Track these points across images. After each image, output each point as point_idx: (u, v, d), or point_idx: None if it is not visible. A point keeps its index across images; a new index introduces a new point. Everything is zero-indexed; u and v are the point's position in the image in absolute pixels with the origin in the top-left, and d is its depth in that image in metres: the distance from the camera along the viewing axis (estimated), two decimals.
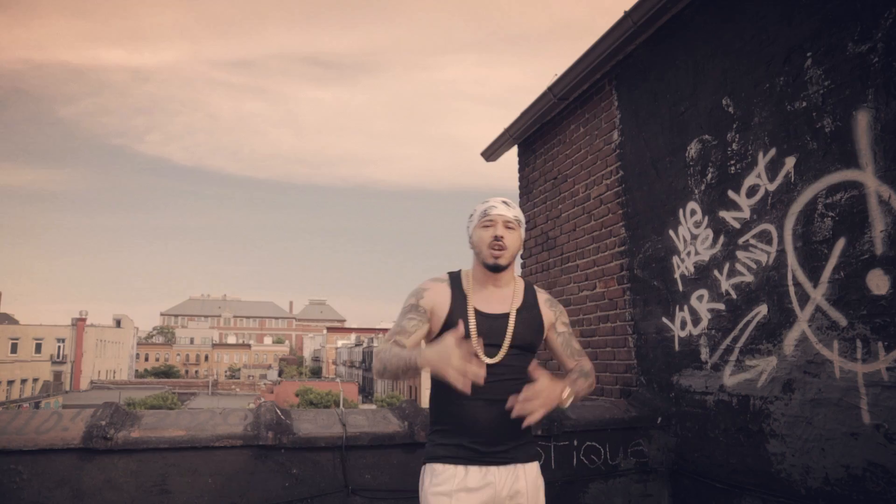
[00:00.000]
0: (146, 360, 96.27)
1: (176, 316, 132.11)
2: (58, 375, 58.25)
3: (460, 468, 2.09)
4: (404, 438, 3.35)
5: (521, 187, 6.16)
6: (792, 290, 2.92)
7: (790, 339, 2.92)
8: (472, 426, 2.12)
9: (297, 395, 46.61)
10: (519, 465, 2.14)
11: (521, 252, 2.37)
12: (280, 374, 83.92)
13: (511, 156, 6.54)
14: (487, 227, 2.21)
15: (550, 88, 4.96)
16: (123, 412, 3.22)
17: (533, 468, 2.17)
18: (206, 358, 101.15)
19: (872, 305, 2.54)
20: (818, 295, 2.78)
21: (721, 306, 3.37)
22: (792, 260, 2.92)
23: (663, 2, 3.55)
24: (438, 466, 2.12)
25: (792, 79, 2.93)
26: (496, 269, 2.19)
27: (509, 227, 2.20)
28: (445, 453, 2.13)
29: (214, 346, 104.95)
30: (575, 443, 3.62)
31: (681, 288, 3.70)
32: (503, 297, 2.24)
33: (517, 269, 2.40)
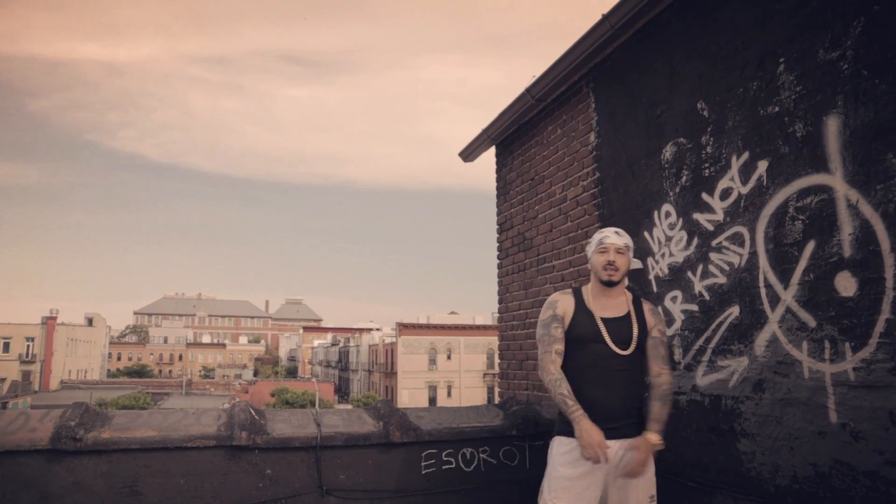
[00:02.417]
0: (119, 359, 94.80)
1: (150, 315, 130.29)
2: (27, 375, 57.11)
3: (570, 439, 2.72)
4: (379, 438, 3.35)
5: (498, 188, 6.18)
6: (763, 291, 2.97)
7: (761, 339, 2.97)
8: (588, 404, 2.72)
9: (272, 395, 46.28)
10: (629, 441, 2.71)
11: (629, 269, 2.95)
12: (255, 374, 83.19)
13: (489, 156, 6.55)
14: (602, 253, 2.87)
15: (528, 90, 4.97)
16: (94, 412, 3.17)
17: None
18: (181, 357, 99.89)
19: (840, 307, 2.59)
20: (788, 296, 2.82)
21: (694, 307, 3.41)
22: (763, 262, 2.97)
23: (641, 5, 3.59)
24: (564, 439, 2.77)
25: (765, 84, 2.98)
26: (611, 284, 2.85)
27: (620, 253, 2.86)
28: (569, 429, 2.73)
29: (189, 345, 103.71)
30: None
31: (655, 289, 3.74)
32: (617, 306, 2.87)
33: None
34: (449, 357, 53.00)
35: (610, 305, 2.87)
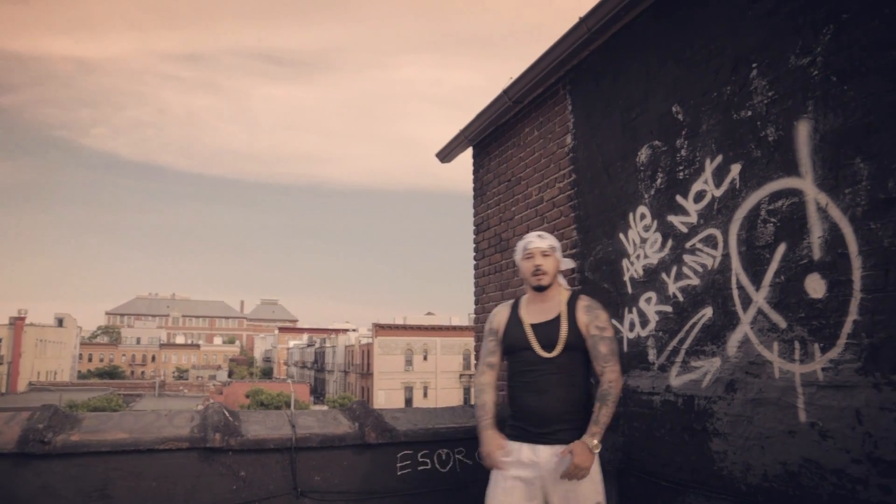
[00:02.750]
0: (90, 360, 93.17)
1: (122, 315, 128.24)
2: None
3: (517, 444, 2.74)
4: (355, 439, 3.34)
5: (475, 189, 6.19)
6: (735, 293, 3.01)
7: (733, 340, 3.01)
8: (522, 410, 2.78)
9: (247, 397, 45.83)
10: (564, 446, 2.64)
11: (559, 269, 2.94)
12: (230, 375, 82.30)
13: (466, 157, 6.56)
14: (528, 258, 2.88)
15: (506, 91, 4.99)
16: (63, 415, 3.11)
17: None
18: (154, 358, 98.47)
19: (810, 308, 2.64)
20: (760, 298, 2.87)
21: (668, 308, 3.45)
22: (736, 264, 3.01)
23: (617, 9, 3.62)
24: (507, 442, 2.79)
25: (738, 88, 3.03)
26: (540, 289, 2.85)
27: (545, 255, 2.85)
28: (508, 431, 2.81)
29: (162, 346, 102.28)
30: None
31: (630, 290, 3.77)
32: (548, 309, 2.85)
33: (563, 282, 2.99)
34: (425, 358, 52.96)
35: (541, 310, 2.86)
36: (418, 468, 3.45)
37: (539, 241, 2.87)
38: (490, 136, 5.78)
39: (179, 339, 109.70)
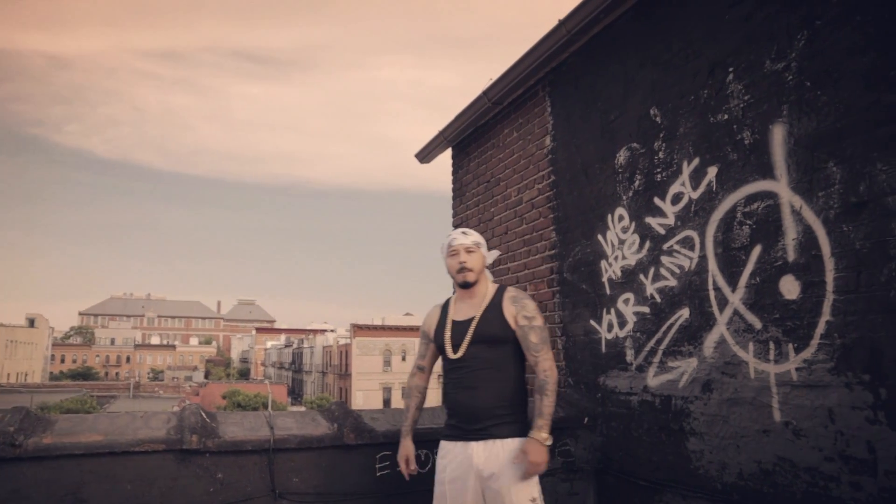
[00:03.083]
0: (62, 361, 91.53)
1: (96, 315, 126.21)
2: None
3: (451, 443, 2.73)
4: (333, 440, 3.31)
5: (454, 190, 6.20)
6: (712, 294, 3.05)
7: (710, 341, 3.05)
8: (455, 408, 2.76)
9: (224, 398, 45.38)
10: (497, 441, 2.63)
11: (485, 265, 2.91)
12: (206, 376, 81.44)
13: (445, 158, 6.56)
14: (453, 256, 2.84)
15: (485, 92, 5.00)
16: (35, 417, 3.05)
17: (510, 443, 2.63)
18: (128, 359, 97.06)
19: (784, 309, 2.68)
20: (736, 299, 2.91)
21: (646, 309, 3.48)
22: (712, 265, 3.05)
23: (597, 12, 3.65)
24: (442, 443, 2.80)
25: (715, 92, 3.07)
26: (466, 285, 2.81)
27: (470, 251, 2.82)
28: (446, 432, 2.80)
29: (137, 346, 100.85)
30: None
31: (608, 291, 3.80)
32: (474, 305, 2.82)
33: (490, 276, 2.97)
34: (404, 359, 52.87)
35: (467, 307, 2.84)
36: (397, 469, 3.43)
37: (463, 238, 2.84)
38: (469, 137, 5.79)
39: (155, 340, 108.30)
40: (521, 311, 2.75)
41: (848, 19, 2.48)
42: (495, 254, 3.03)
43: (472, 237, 2.85)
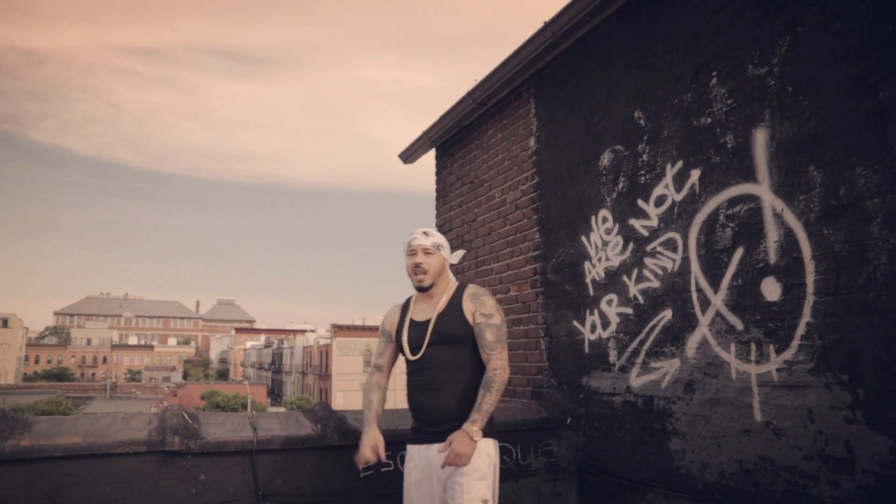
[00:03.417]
0: (37, 362, 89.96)
1: (72, 315, 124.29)
2: None
3: (415, 446, 2.68)
4: (317, 441, 3.30)
5: (437, 190, 6.20)
6: (695, 295, 3.08)
7: (692, 342, 3.08)
8: (417, 410, 2.71)
9: (203, 398, 44.93)
10: None
11: (446, 267, 2.83)
12: (185, 377, 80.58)
13: (429, 158, 6.56)
14: (411, 255, 2.75)
15: (470, 93, 5.01)
16: (12, 419, 3.00)
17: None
18: (105, 360, 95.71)
19: (766, 311, 2.72)
20: (718, 301, 2.95)
21: (629, 310, 3.51)
22: (695, 267, 3.09)
23: (582, 15, 3.67)
24: (408, 446, 2.73)
25: (699, 95, 3.10)
26: (421, 289, 2.74)
27: (428, 253, 2.73)
28: (411, 435, 2.74)
29: (114, 347, 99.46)
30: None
31: (591, 292, 3.83)
32: (433, 305, 2.74)
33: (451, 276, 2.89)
34: None
35: (426, 307, 2.76)
36: (381, 469, 3.42)
37: (423, 239, 2.74)
38: (453, 137, 5.80)
39: (132, 340, 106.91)
40: (480, 308, 2.67)
41: (829, 27, 2.52)
42: (460, 254, 2.95)
43: (432, 238, 2.75)
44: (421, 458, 2.62)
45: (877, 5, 2.37)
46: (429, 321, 2.68)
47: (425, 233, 2.77)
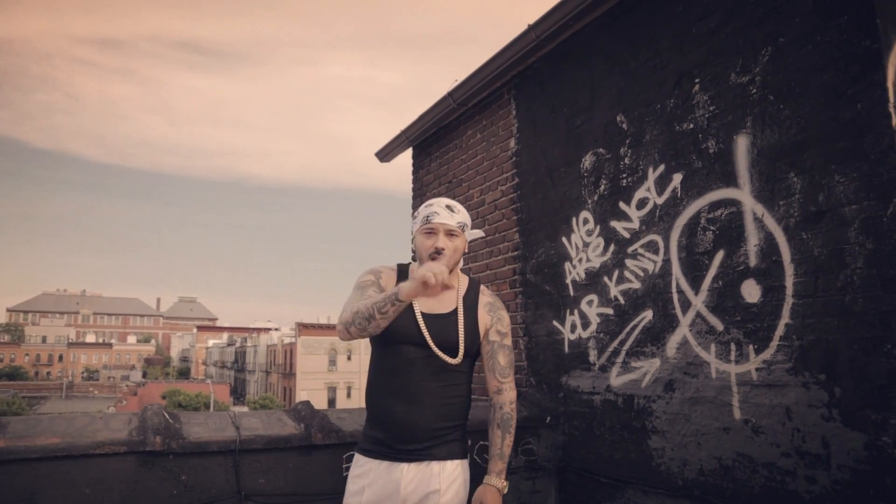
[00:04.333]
0: None
1: (26, 312, 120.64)
2: None
3: (374, 461, 2.20)
4: (301, 441, 3.29)
5: (414, 189, 6.20)
6: (675, 297, 3.16)
7: (672, 342, 3.15)
8: (385, 420, 2.21)
9: (163, 398, 44.09)
10: (434, 463, 2.17)
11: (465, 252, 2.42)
12: (144, 375, 78.95)
13: (405, 158, 6.57)
14: (429, 234, 2.22)
15: (451, 93, 5.03)
16: None
17: (449, 466, 2.19)
18: (61, 358, 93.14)
19: (745, 312, 2.80)
20: (699, 302, 3.02)
21: (610, 311, 3.57)
22: (676, 269, 3.16)
23: (566, 18, 3.72)
24: (359, 458, 2.27)
25: (681, 101, 3.17)
26: None
27: (452, 235, 2.22)
28: (366, 445, 2.26)
29: (71, 345, 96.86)
30: (468, 443, 3.71)
31: (572, 293, 3.88)
32: (447, 296, 2.26)
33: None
34: (349, 358, 52.52)
35: (436, 297, 2.16)
36: None
37: (446, 215, 2.21)
38: (431, 137, 5.81)
39: (90, 338, 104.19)
40: (497, 325, 2.30)
41: (809, 39, 2.60)
42: (478, 233, 2.45)
43: (458, 216, 2.23)
44: (380, 476, 2.17)
45: (855, 20, 2.46)
46: (444, 317, 2.23)
47: (449, 207, 2.24)
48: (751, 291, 2.78)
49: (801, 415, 2.57)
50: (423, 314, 2.21)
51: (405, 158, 6.52)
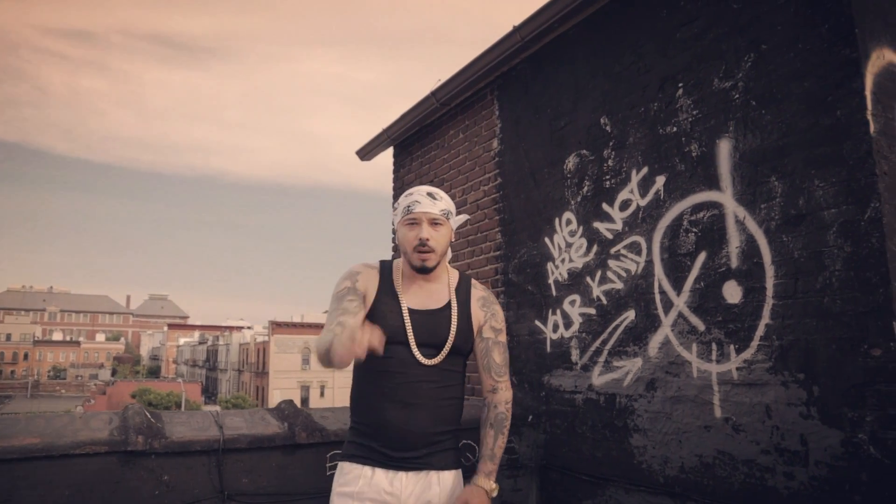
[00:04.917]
0: None
1: None
2: None
3: (367, 469, 2.07)
4: (284, 440, 3.27)
5: (395, 189, 6.20)
6: (658, 297, 3.21)
7: (655, 342, 3.21)
8: (378, 426, 2.08)
9: (133, 397, 43.40)
10: (433, 472, 2.07)
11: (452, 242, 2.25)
12: (114, 374, 77.58)
13: (386, 157, 6.56)
14: (412, 225, 2.09)
15: (434, 93, 5.04)
16: None
17: (447, 476, 2.10)
18: (26, 356, 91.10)
19: (727, 313, 2.86)
20: (681, 302, 3.07)
21: (592, 311, 3.62)
22: (658, 270, 3.21)
23: (552, 21, 3.75)
24: (347, 465, 2.11)
25: (665, 105, 3.23)
26: (424, 271, 2.11)
27: (436, 224, 2.09)
28: (356, 452, 2.11)
29: (37, 343, 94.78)
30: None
31: (554, 293, 3.92)
32: (434, 294, 2.16)
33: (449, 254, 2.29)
34: None
35: (425, 292, 2.13)
36: None
37: (428, 204, 2.08)
38: (413, 136, 5.81)
39: (57, 336, 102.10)
40: (491, 321, 2.20)
41: (791, 46, 2.67)
42: (463, 218, 2.27)
43: (440, 203, 2.10)
44: (375, 486, 2.04)
45: (835, 29, 2.53)
46: (432, 313, 2.11)
47: (431, 195, 2.11)
48: (732, 292, 2.84)
49: (780, 413, 2.63)
50: (411, 310, 2.09)
51: (386, 157, 6.52)
